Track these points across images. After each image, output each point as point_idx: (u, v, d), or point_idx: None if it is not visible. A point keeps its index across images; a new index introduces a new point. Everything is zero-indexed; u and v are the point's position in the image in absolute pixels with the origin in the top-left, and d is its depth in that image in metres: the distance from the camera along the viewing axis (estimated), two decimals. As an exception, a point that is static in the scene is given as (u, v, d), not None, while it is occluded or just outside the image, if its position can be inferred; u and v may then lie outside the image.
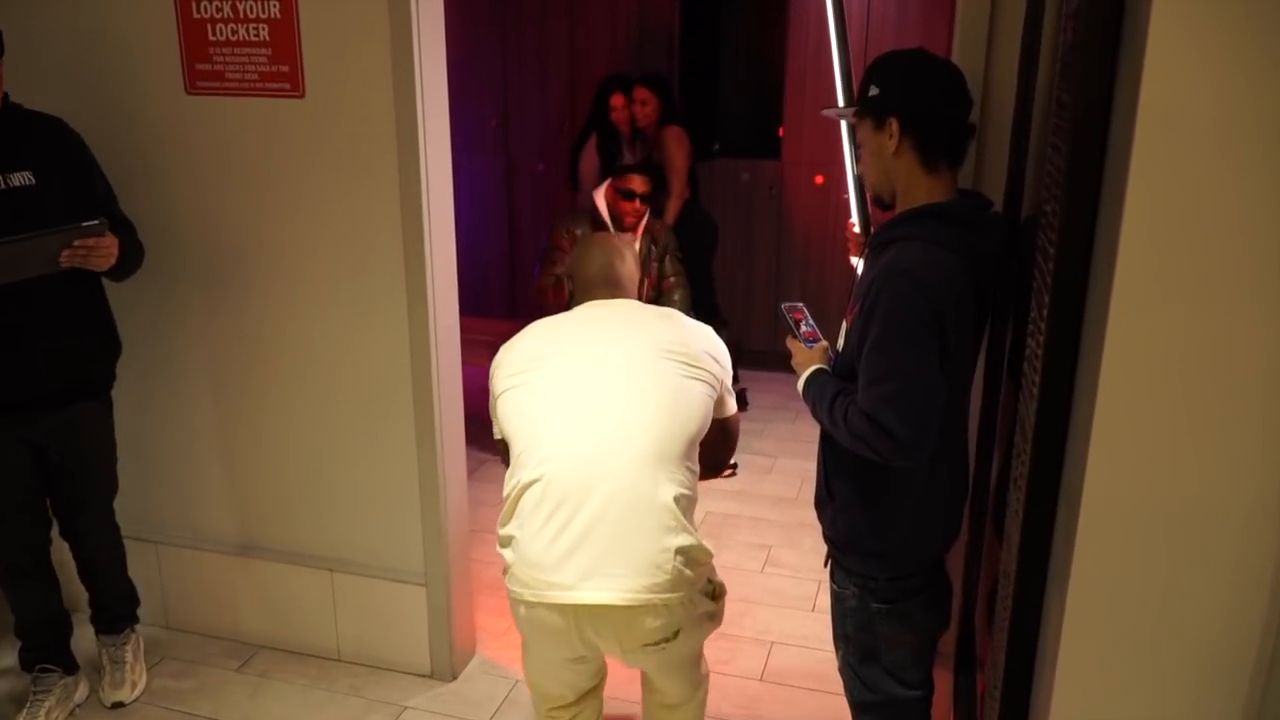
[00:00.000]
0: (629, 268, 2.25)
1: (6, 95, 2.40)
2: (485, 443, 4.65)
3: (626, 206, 4.02)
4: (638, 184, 4.01)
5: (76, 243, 2.33)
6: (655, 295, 4.20)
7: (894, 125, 1.81)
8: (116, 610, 2.89)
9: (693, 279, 4.74)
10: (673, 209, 4.57)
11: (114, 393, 2.71)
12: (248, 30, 2.59)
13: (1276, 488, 1.07)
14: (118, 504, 2.79)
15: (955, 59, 2.08)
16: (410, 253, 2.65)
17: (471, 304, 6.03)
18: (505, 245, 5.85)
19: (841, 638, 2.12)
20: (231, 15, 2.60)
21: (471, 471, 4.37)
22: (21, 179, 2.37)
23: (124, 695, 2.84)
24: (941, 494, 1.98)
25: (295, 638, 3.09)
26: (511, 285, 5.90)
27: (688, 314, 4.14)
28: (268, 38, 2.58)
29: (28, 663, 2.76)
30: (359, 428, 2.86)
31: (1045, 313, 1.08)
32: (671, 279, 4.22)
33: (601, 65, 5.27)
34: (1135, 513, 1.09)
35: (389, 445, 2.84)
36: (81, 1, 2.70)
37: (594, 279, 2.22)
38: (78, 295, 2.51)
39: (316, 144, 2.64)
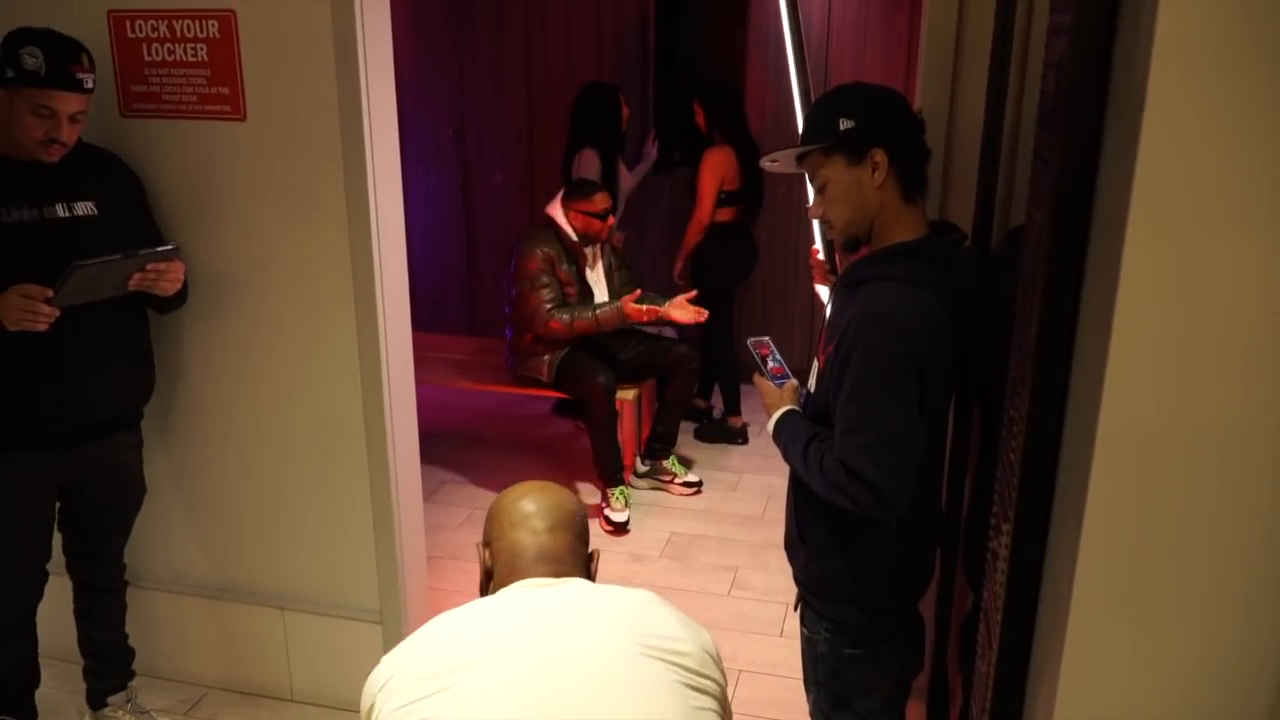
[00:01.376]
0: (572, 534, 1.57)
1: None
2: (445, 462, 4.57)
3: (600, 226, 3.96)
4: (602, 201, 3.96)
5: (149, 266, 2.31)
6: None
7: (880, 156, 1.73)
8: (128, 657, 2.78)
9: (714, 300, 4.58)
10: (691, 231, 4.43)
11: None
12: (186, 50, 2.48)
13: None
14: (55, 541, 2.63)
15: (920, 89, 2.03)
16: (360, 279, 2.54)
17: (429, 320, 5.93)
18: (463, 258, 5.74)
19: (813, 683, 2.06)
20: (168, 35, 2.48)
21: (431, 493, 4.28)
22: (85, 209, 2.35)
23: None
24: (916, 537, 1.92)
25: (246, 678, 2.98)
26: (470, 300, 5.78)
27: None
28: (206, 58, 2.47)
29: None
30: (309, 460, 2.75)
31: (1029, 379, 1.01)
32: (624, 289, 4.15)
33: (559, 75, 5.18)
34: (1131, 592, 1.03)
35: (341, 478, 2.73)
36: (12, 18, 2.57)
37: (523, 550, 1.53)
38: (126, 324, 2.48)
39: (259, 168, 2.53)
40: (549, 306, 3.90)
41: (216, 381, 2.75)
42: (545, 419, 5.10)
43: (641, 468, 4.33)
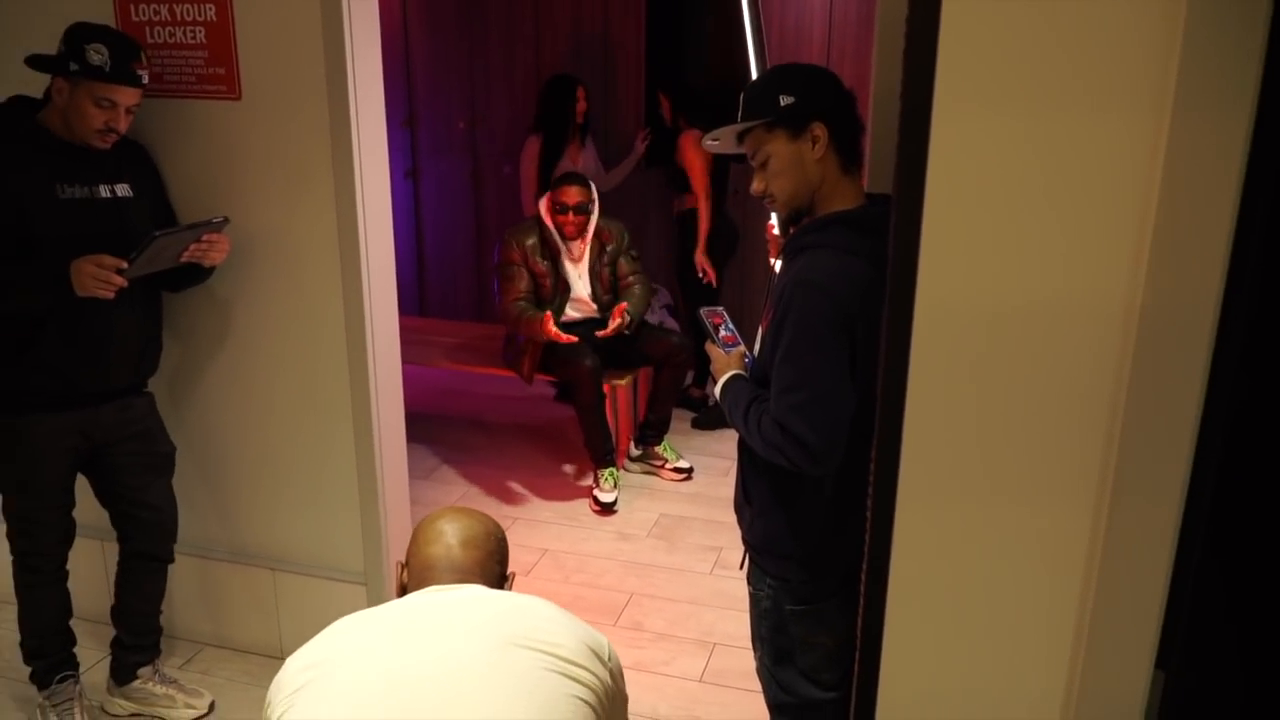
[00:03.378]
0: (484, 551, 1.68)
1: None
2: (445, 442, 4.69)
3: (563, 220, 4.00)
4: (570, 196, 3.98)
5: (205, 237, 2.49)
6: (611, 298, 4.20)
7: (819, 129, 1.83)
8: (159, 633, 2.91)
9: (698, 287, 4.68)
10: (703, 211, 4.55)
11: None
12: (185, 33, 2.61)
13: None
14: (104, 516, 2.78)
15: (874, 72, 2.10)
16: (346, 251, 2.67)
17: (439, 307, 6.05)
18: (472, 247, 5.87)
19: (758, 639, 2.14)
20: (169, 18, 2.62)
21: (430, 471, 4.41)
22: (124, 190, 2.52)
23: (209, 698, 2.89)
24: (857, 497, 1.99)
25: (238, 636, 3.11)
26: (479, 287, 5.91)
27: (645, 311, 4.19)
28: (204, 40, 2.60)
29: (46, 673, 2.72)
30: (297, 427, 2.88)
31: (889, 324, 1.10)
32: (630, 277, 4.22)
33: (566, 68, 5.28)
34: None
35: (327, 445, 2.85)
36: (26, 7, 2.72)
37: (434, 562, 1.63)
38: (152, 299, 2.65)
39: (253, 145, 2.67)
40: (517, 297, 4.00)
41: (210, 352, 2.89)
42: (546, 403, 5.21)
43: (635, 452, 4.43)
